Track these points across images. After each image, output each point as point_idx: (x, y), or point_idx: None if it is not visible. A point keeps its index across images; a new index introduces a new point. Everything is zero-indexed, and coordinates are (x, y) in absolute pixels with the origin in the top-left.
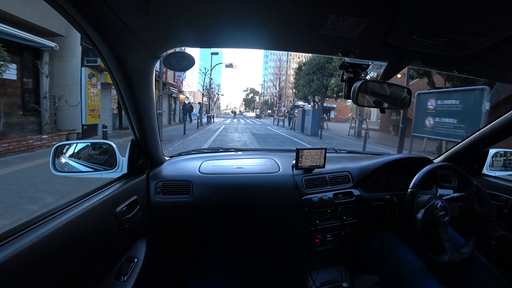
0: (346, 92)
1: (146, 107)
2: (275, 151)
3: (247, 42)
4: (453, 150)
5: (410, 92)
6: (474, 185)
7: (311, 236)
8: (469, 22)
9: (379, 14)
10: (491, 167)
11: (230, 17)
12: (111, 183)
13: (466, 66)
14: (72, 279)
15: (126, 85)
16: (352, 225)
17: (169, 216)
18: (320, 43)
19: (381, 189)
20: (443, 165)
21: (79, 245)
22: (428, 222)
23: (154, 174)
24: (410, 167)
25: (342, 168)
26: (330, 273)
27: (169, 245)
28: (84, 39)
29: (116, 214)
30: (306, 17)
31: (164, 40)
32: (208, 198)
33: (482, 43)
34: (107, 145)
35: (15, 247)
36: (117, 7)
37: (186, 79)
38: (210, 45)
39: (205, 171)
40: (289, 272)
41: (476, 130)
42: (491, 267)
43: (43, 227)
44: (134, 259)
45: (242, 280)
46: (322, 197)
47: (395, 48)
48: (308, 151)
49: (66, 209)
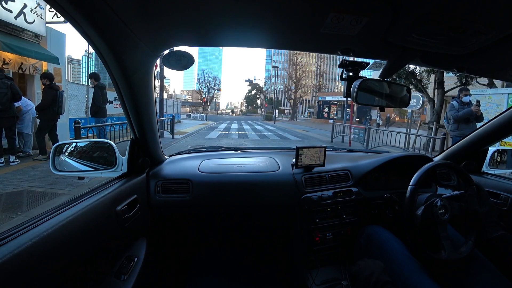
0: (346, 91)
1: (146, 106)
2: (275, 149)
3: (247, 41)
4: (453, 148)
5: (410, 90)
6: (474, 184)
7: (311, 235)
8: (468, 20)
9: (378, 12)
10: (490, 165)
11: (229, 16)
12: (111, 182)
13: (465, 64)
14: (73, 277)
15: (125, 84)
16: (352, 224)
17: (169, 215)
18: (320, 42)
19: (381, 188)
20: (443, 163)
21: (80, 244)
22: (427, 220)
23: (154, 173)
24: (409, 166)
25: (342, 167)
26: (330, 272)
27: (169, 244)
28: (84, 38)
29: (116, 213)
30: (306, 15)
31: (163, 39)
32: (208, 197)
33: (481, 41)
34: (107, 144)
35: (15, 246)
36: (116, 6)
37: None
38: (209, 44)
39: (205, 170)
40: (289, 270)
41: (476, 128)
42: (491, 265)
43: (44, 226)
44: (134, 258)
45: (242, 278)
46: (322, 196)
47: (395, 47)
48: (308, 149)
49: (67, 208)
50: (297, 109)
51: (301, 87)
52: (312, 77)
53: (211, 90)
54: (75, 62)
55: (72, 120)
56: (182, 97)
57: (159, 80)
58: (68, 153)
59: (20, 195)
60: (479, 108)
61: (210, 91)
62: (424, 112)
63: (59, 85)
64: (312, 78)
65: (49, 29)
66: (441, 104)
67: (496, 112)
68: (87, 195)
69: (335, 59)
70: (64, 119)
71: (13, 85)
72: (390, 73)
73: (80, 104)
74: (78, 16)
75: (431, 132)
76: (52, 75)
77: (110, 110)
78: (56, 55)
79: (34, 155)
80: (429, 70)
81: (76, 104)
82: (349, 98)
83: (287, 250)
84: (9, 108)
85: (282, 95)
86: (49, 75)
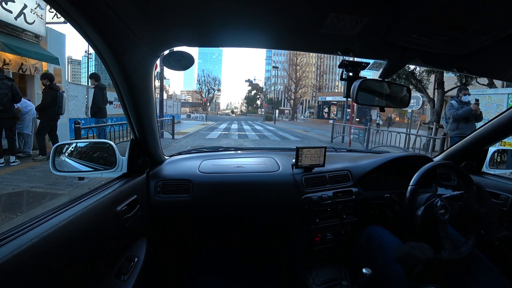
0: (346, 91)
1: (146, 106)
2: (275, 150)
3: (247, 41)
4: (453, 149)
5: (410, 90)
6: (474, 184)
7: (311, 235)
8: (469, 20)
9: (378, 13)
10: (490, 165)
11: (229, 16)
12: (111, 183)
13: (465, 64)
14: (73, 278)
15: (125, 84)
16: (352, 224)
17: (169, 215)
18: (320, 42)
19: (381, 188)
20: (443, 164)
21: (80, 244)
22: (427, 220)
23: (154, 173)
24: (409, 166)
25: (342, 167)
26: (330, 272)
27: (169, 244)
28: (84, 38)
29: (117, 213)
30: (306, 15)
31: (163, 39)
32: (208, 197)
33: (482, 41)
34: (107, 144)
35: (15, 246)
36: (116, 6)
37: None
38: (209, 44)
39: (205, 170)
40: (289, 270)
41: (476, 128)
42: (491, 266)
43: (44, 226)
44: (135, 258)
45: (242, 278)
46: (322, 196)
47: (395, 47)
48: (308, 150)
49: (67, 208)
50: (297, 110)
51: (301, 87)
52: (312, 77)
53: (211, 90)
54: (75, 63)
55: (72, 121)
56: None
57: (159, 80)
58: (68, 154)
59: (20, 195)
60: (478, 106)
61: (210, 92)
62: (424, 112)
63: (59, 85)
64: (312, 78)
65: (49, 30)
66: (441, 104)
67: (496, 112)
68: (87, 196)
69: (335, 59)
70: (64, 120)
71: (14, 86)
72: (390, 73)
73: (80, 104)
74: (78, 17)
75: (431, 132)
76: (52, 75)
77: (110, 110)
78: (56, 55)
79: (34, 155)
80: (429, 70)
81: (76, 104)
82: (349, 98)
83: (287, 250)
84: (9, 108)
85: (282, 96)
86: (50, 76)
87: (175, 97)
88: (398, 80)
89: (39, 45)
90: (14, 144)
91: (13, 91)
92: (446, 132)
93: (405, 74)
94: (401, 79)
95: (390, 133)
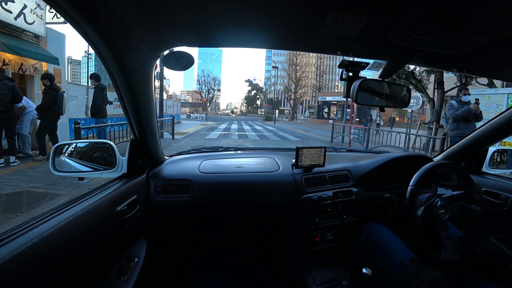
0: (345, 91)
1: (146, 106)
2: (275, 150)
3: (247, 41)
4: (453, 148)
5: (410, 90)
6: (474, 184)
7: (311, 235)
8: (468, 20)
9: (378, 13)
10: (490, 165)
11: (229, 16)
12: (111, 183)
13: (465, 64)
14: (73, 278)
15: (125, 84)
16: (352, 224)
17: (169, 215)
18: (320, 42)
19: (381, 188)
20: (443, 163)
21: (80, 244)
22: (427, 220)
23: (154, 173)
24: (409, 166)
25: (342, 167)
26: (330, 272)
27: (169, 244)
28: (83, 38)
29: (117, 213)
30: (305, 15)
31: (163, 39)
32: (208, 197)
33: (481, 41)
34: (107, 144)
35: (15, 246)
36: (116, 6)
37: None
38: (209, 44)
39: (204, 170)
40: (289, 271)
41: (476, 128)
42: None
43: (44, 226)
44: (134, 258)
45: (242, 278)
46: (322, 196)
47: (395, 47)
48: (308, 150)
49: (67, 209)
50: (297, 110)
51: (301, 88)
52: (312, 78)
53: (211, 90)
54: (75, 63)
55: (72, 121)
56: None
57: (159, 80)
58: (68, 154)
59: (20, 195)
60: (478, 106)
61: (210, 92)
62: (424, 112)
63: (59, 85)
64: (312, 78)
65: (49, 30)
66: (441, 104)
67: (496, 112)
68: (87, 196)
69: (335, 59)
70: (64, 120)
71: (15, 86)
72: (390, 73)
73: (80, 104)
74: (78, 17)
75: (431, 132)
76: (52, 75)
77: (110, 110)
78: (56, 55)
79: (34, 155)
80: (429, 70)
81: (76, 104)
82: (349, 98)
83: (287, 251)
84: (9, 109)
85: (282, 96)
86: (50, 76)
87: (175, 97)
88: (398, 80)
89: (39, 45)
90: (14, 144)
91: (14, 91)
92: (446, 132)
93: (405, 74)
94: (401, 79)
95: (390, 133)
